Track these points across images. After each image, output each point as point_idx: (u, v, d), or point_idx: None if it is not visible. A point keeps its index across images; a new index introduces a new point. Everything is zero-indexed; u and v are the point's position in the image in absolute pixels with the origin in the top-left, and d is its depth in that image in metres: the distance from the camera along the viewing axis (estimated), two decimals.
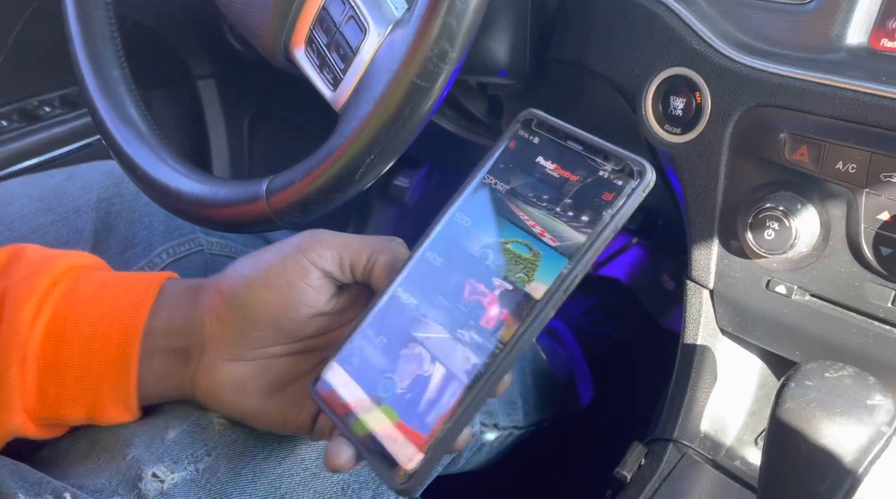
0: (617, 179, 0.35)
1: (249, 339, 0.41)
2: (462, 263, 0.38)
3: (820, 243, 0.50)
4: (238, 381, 0.42)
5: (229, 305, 0.41)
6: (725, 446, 0.61)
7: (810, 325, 0.52)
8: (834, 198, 0.49)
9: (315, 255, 0.41)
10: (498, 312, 0.35)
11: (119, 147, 0.58)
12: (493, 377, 0.35)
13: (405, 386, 0.37)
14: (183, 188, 0.54)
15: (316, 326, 0.42)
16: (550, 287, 0.35)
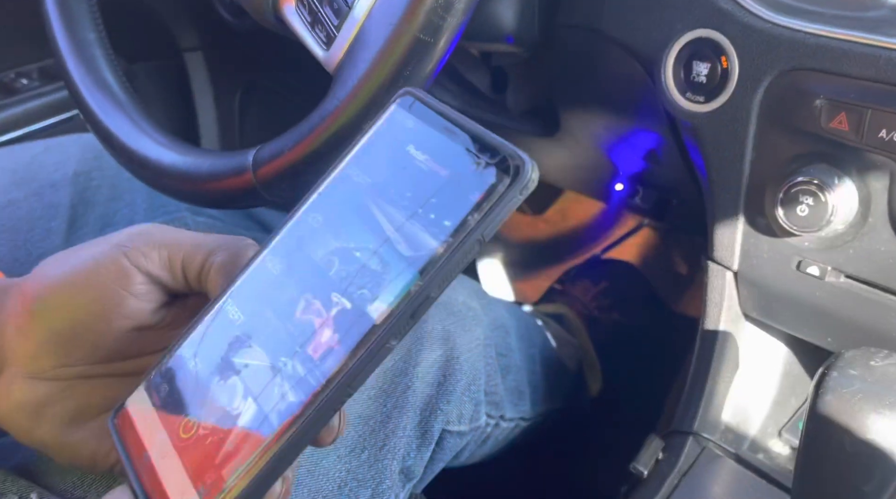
0: (490, 177, 0.28)
1: (52, 353, 0.34)
2: (302, 271, 0.31)
3: (858, 220, 0.46)
4: (35, 404, 0.34)
5: (30, 312, 0.34)
6: (748, 438, 0.57)
7: (845, 309, 0.48)
8: (875, 170, 0.45)
9: (139, 254, 0.34)
10: (329, 338, 0.29)
11: (94, 115, 0.54)
12: (308, 424, 0.28)
13: (209, 427, 0.30)
14: (164, 160, 0.50)
15: (138, 344, 0.35)
16: (394, 309, 0.28)
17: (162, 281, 0.34)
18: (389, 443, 0.47)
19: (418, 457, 0.49)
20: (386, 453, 0.47)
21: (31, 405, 0.34)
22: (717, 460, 0.53)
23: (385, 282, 0.28)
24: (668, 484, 0.51)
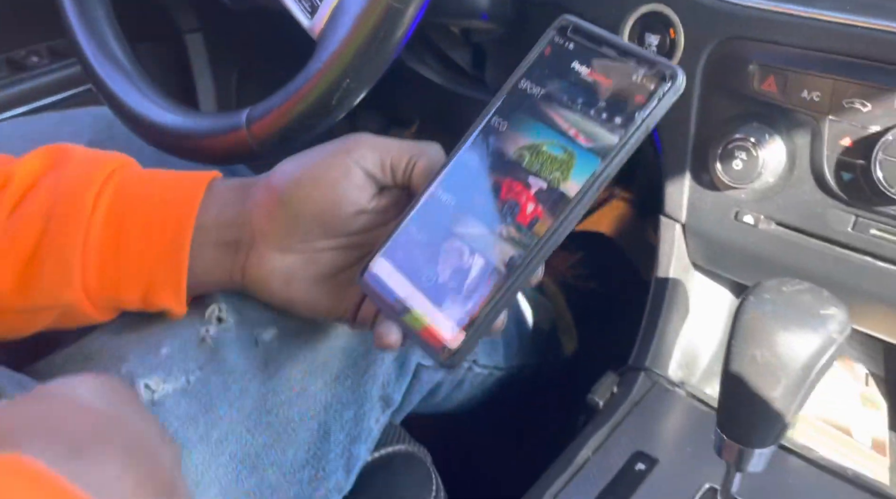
0: (649, 83, 0.37)
1: (297, 233, 0.44)
2: (498, 164, 0.40)
3: (786, 173, 0.52)
4: (286, 271, 0.45)
5: (278, 201, 0.43)
6: (696, 375, 0.63)
7: (776, 253, 0.54)
8: (799, 127, 0.50)
9: (359, 155, 0.43)
10: (533, 209, 0.38)
11: (103, 83, 0.59)
12: (529, 268, 0.38)
13: (447, 276, 0.39)
14: (166, 121, 0.55)
15: (359, 224, 0.44)
16: (584, 186, 0.37)
17: (375, 176, 0.44)
18: (370, 371, 0.53)
19: (397, 386, 0.55)
20: (367, 380, 0.53)
21: (282, 271, 0.45)
22: (667, 392, 0.58)
23: (573, 167, 0.38)
24: (620, 412, 0.56)
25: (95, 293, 0.45)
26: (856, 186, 0.48)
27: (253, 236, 0.45)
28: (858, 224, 0.50)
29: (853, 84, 0.47)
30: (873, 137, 0.46)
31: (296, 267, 0.45)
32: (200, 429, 0.44)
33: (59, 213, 0.44)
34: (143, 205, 0.45)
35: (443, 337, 0.38)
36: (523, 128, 0.40)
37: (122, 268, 0.44)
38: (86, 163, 0.46)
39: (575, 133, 0.38)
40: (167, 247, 0.44)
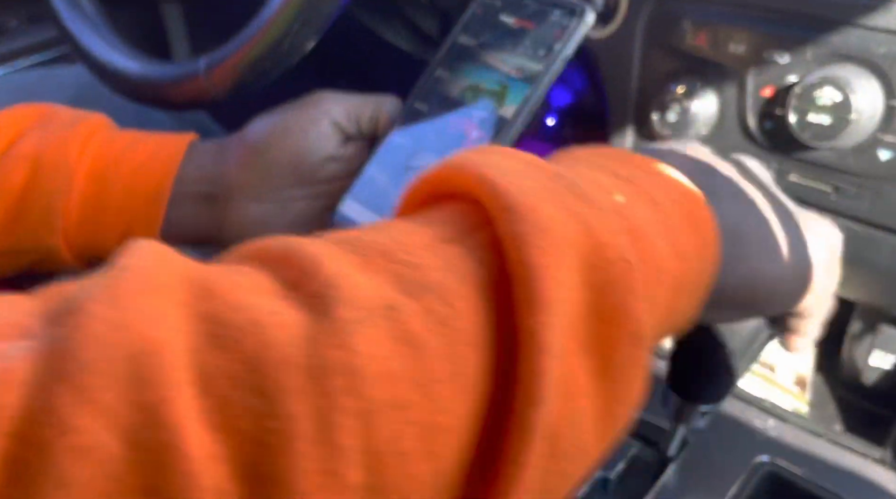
0: (564, 21, 0.45)
1: (271, 181, 0.47)
2: (445, 105, 0.47)
3: (717, 124, 0.55)
4: (262, 219, 0.48)
5: (252, 151, 0.47)
6: None
7: None
8: (728, 79, 0.53)
9: (325, 107, 0.48)
10: (477, 134, 0.45)
11: (71, 33, 0.62)
12: None
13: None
14: (130, 69, 0.58)
15: (328, 172, 0.48)
16: (518, 107, 0.44)
17: (341, 125, 0.48)
18: None
19: None
20: None
21: (257, 220, 0.48)
22: None
23: (507, 95, 0.45)
24: None
25: (74, 240, 0.48)
26: (776, 134, 0.51)
27: (230, 189, 0.48)
28: (780, 171, 0.53)
29: (773, 37, 0.50)
30: (790, 87, 0.49)
31: (270, 216, 0.48)
32: None
33: (46, 161, 0.47)
34: (127, 158, 0.48)
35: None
36: (464, 74, 0.47)
37: (101, 217, 0.48)
38: (71, 119, 0.49)
39: (507, 70, 0.45)
40: (147, 199, 0.47)
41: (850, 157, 0.49)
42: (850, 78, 0.45)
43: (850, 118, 0.45)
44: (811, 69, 0.48)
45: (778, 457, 0.50)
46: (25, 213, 0.47)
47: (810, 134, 0.47)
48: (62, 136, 0.48)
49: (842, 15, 0.47)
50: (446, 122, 0.46)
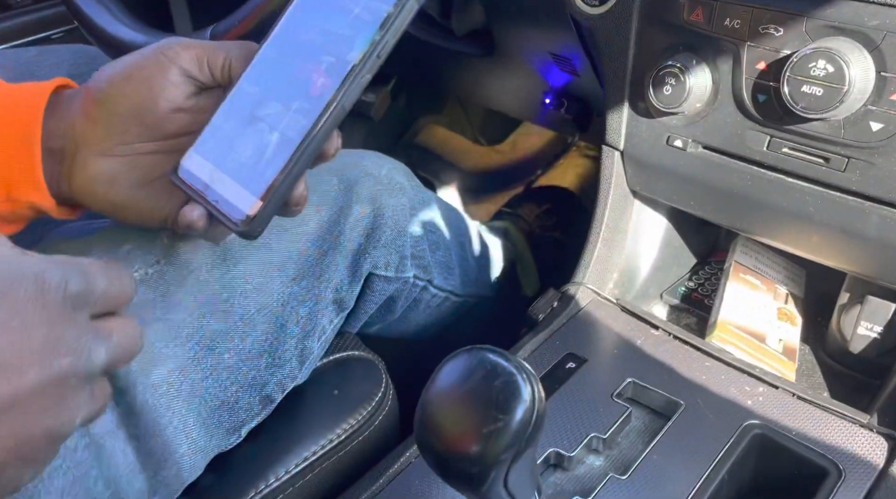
0: None
1: (115, 133, 0.44)
2: (295, 50, 0.44)
3: (711, 97, 0.56)
4: (108, 175, 0.45)
5: (95, 101, 0.44)
6: (632, 294, 0.68)
7: (701, 174, 0.58)
8: (723, 54, 0.55)
9: (173, 53, 0.44)
10: (323, 82, 0.42)
11: (79, 8, 0.63)
12: (320, 133, 0.41)
13: (248, 154, 0.43)
14: (137, 41, 0.59)
15: (178, 124, 0.45)
16: (366, 51, 0.41)
17: (192, 74, 0.45)
18: (325, 275, 0.57)
19: (350, 291, 0.59)
20: (322, 282, 0.57)
21: (104, 176, 0.45)
22: (603, 306, 0.63)
23: (356, 39, 0.41)
24: (556, 323, 0.61)
25: None
26: (769, 106, 0.53)
27: (76, 143, 0.45)
28: (772, 143, 0.54)
29: (768, 11, 0.51)
30: (783, 60, 0.50)
31: (117, 171, 0.45)
32: (157, 311, 0.48)
33: None
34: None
35: (242, 207, 0.42)
36: (315, 18, 0.44)
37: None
38: None
39: (358, 12, 0.42)
40: (17, 143, 0.45)
41: (842, 128, 0.50)
42: (842, 50, 0.47)
43: (842, 89, 0.47)
44: (805, 42, 0.49)
45: (767, 421, 0.51)
46: None
47: (804, 105, 0.48)
48: None
49: None
50: (293, 69, 0.43)
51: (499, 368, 0.34)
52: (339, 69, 0.41)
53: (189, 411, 0.48)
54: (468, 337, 0.87)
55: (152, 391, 0.46)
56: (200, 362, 0.49)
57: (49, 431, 0.29)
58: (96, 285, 0.32)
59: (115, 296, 0.33)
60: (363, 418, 0.56)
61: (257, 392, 0.53)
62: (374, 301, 0.63)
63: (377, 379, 0.60)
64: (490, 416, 0.33)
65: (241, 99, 0.44)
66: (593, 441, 0.50)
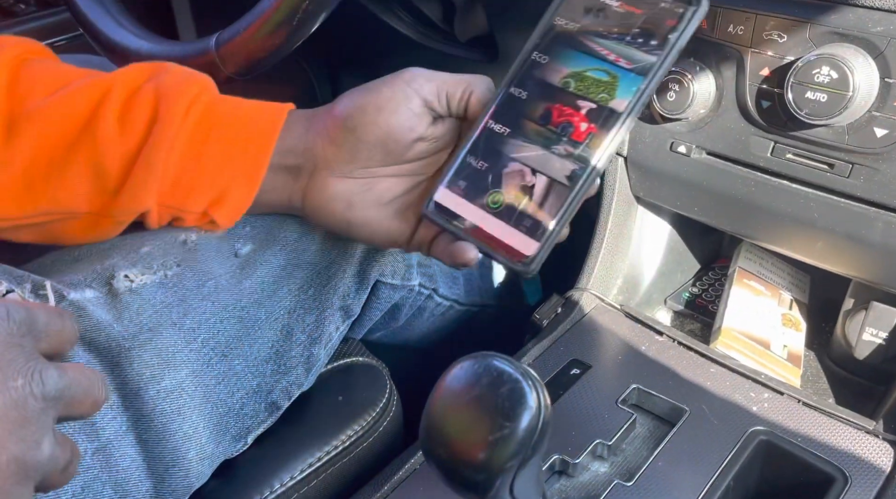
0: (677, 8, 0.42)
1: (359, 159, 0.47)
2: (546, 93, 0.44)
3: (715, 103, 0.56)
4: (347, 195, 0.48)
5: (343, 127, 0.47)
6: (636, 300, 0.68)
7: (705, 180, 0.59)
8: (726, 60, 0.55)
9: (417, 85, 0.46)
10: (587, 127, 0.42)
11: (84, 16, 0.63)
12: (590, 178, 0.42)
13: (513, 195, 0.44)
14: (141, 49, 0.59)
15: (416, 151, 0.48)
16: (631, 100, 0.42)
17: (432, 105, 0.47)
18: (331, 283, 0.57)
19: (356, 298, 0.59)
20: (328, 291, 0.57)
21: (343, 196, 0.48)
22: (607, 312, 0.63)
23: (618, 86, 0.42)
24: (561, 329, 0.61)
25: (165, 199, 0.48)
26: (773, 112, 0.53)
27: (315, 163, 0.48)
28: (776, 149, 0.54)
29: (771, 17, 0.51)
30: (787, 66, 0.50)
31: (355, 192, 0.48)
32: (174, 315, 0.48)
33: (158, 119, 0.47)
34: (229, 123, 0.48)
35: (519, 249, 0.43)
36: (564, 59, 0.44)
37: (198, 177, 0.48)
38: (180, 76, 0.49)
39: (615, 58, 0.42)
40: (246, 166, 0.47)
41: (846, 134, 0.50)
42: (846, 56, 0.47)
43: (847, 95, 0.47)
44: (809, 49, 0.50)
45: (772, 428, 0.51)
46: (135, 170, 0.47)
47: (808, 111, 0.48)
48: (171, 91, 0.47)
49: None
50: (549, 112, 0.44)
51: (504, 375, 0.34)
52: (604, 116, 0.42)
53: (199, 416, 0.48)
54: (471, 343, 0.87)
55: (164, 396, 0.46)
56: (213, 368, 0.49)
57: (15, 457, 0.29)
58: (38, 316, 0.32)
59: (58, 331, 0.33)
60: (367, 424, 0.56)
61: (263, 399, 0.53)
62: (380, 308, 0.63)
63: (381, 385, 0.60)
64: (496, 423, 0.33)
65: (491, 138, 0.45)
66: (598, 448, 0.50)
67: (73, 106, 0.47)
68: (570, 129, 0.43)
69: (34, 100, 0.47)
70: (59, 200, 0.47)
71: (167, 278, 0.49)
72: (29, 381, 0.30)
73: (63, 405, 0.31)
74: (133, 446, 0.46)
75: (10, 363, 0.30)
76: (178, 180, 0.47)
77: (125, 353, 0.45)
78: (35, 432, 0.30)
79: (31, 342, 0.31)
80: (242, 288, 0.52)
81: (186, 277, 0.49)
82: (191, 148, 0.47)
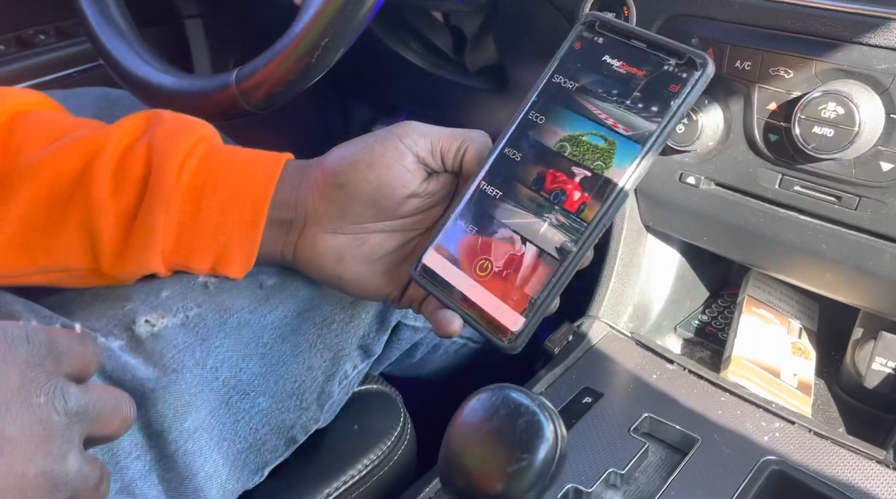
0: (681, 72, 0.39)
1: (350, 214, 0.46)
2: (540, 156, 0.42)
3: (723, 136, 0.57)
4: (337, 251, 0.47)
5: (334, 183, 0.45)
6: (646, 327, 0.69)
7: (714, 210, 0.59)
8: (734, 94, 0.56)
9: (411, 141, 0.45)
10: (580, 196, 0.40)
11: (106, 49, 0.65)
12: (582, 251, 0.39)
13: (501, 264, 0.41)
14: (163, 83, 0.61)
15: (409, 208, 0.46)
16: (628, 170, 0.39)
17: (426, 161, 0.46)
18: (354, 321, 0.57)
19: (377, 339, 0.59)
20: (350, 328, 0.57)
21: (333, 251, 0.47)
22: (618, 340, 0.64)
23: (615, 154, 0.39)
24: (572, 357, 0.62)
25: (169, 259, 0.47)
26: (781, 146, 0.54)
27: (306, 217, 0.46)
28: (784, 181, 0.55)
29: (778, 54, 0.52)
30: (794, 101, 0.51)
31: (346, 248, 0.47)
32: (196, 355, 0.49)
33: (151, 180, 0.46)
34: (224, 178, 0.46)
35: (504, 323, 0.40)
36: (561, 120, 0.42)
37: (197, 237, 0.47)
38: (174, 128, 0.48)
39: (613, 123, 0.40)
40: (244, 221, 0.46)
41: (852, 168, 0.51)
42: (852, 93, 0.48)
43: (853, 131, 0.48)
44: (815, 84, 0.51)
45: (784, 458, 0.51)
46: (133, 234, 0.46)
47: (815, 146, 0.50)
48: (164, 150, 0.46)
49: (844, 33, 0.49)
50: (542, 177, 0.41)
51: (522, 407, 0.35)
52: (599, 186, 0.39)
53: (219, 454, 0.49)
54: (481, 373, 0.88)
55: (187, 437, 0.47)
56: (232, 407, 0.50)
57: (42, 470, 0.30)
58: (59, 339, 0.33)
59: (80, 354, 0.34)
60: (383, 453, 0.57)
61: (284, 435, 0.53)
62: (399, 348, 0.64)
63: (395, 413, 0.61)
64: (514, 455, 0.34)
65: (483, 202, 0.43)
66: (611, 476, 0.50)
67: (66, 163, 0.46)
68: (562, 197, 0.40)
69: (27, 154, 0.47)
70: (57, 259, 0.47)
71: (188, 319, 0.49)
72: (51, 398, 0.31)
73: (89, 422, 0.32)
74: (156, 487, 0.46)
75: (31, 382, 0.31)
76: (178, 240, 0.47)
77: (149, 394, 0.46)
78: (60, 446, 0.31)
79: (53, 364, 0.32)
80: (266, 323, 0.52)
81: (208, 317, 0.50)
82: (187, 207, 0.46)
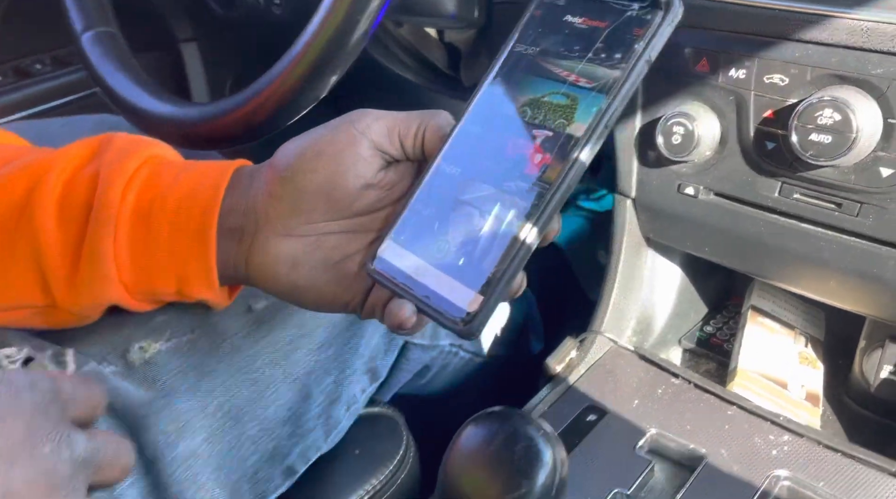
0: (646, 15, 0.36)
1: (300, 212, 0.41)
2: (502, 125, 0.39)
3: (720, 145, 0.57)
4: (291, 256, 0.42)
5: (281, 178, 0.41)
6: (650, 342, 0.68)
7: (714, 220, 0.59)
8: (730, 102, 0.55)
9: (364, 125, 0.41)
10: (541, 158, 0.36)
11: (101, 78, 0.65)
12: (543, 217, 0.36)
13: (458, 243, 0.38)
14: (161, 111, 0.61)
15: (366, 202, 0.41)
16: (590, 123, 0.35)
17: (383, 147, 0.41)
18: (352, 342, 0.56)
19: (384, 360, 0.58)
20: (349, 350, 0.56)
21: (287, 257, 0.42)
22: (621, 355, 0.63)
23: (578, 109, 0.36)
24: (576, 373, 0.61)
25: (133, 287, 0.44)
26: (778, 153, 0.53)
27: (257, 222, 0.42)
28: (783, 189, 0.54)
29: (772, 61, 0.52)
30: (790, 108, 0.51)
31: (301, 252, 0.42)
32: (190, 380, 0.48)
33: (95, 207, 0.43)
34: (172, 193, 0.43)
35: (459, 305, 0.36)
36: (521, 86, 0.39)
37: (153, 260, 0.43)
38: (122, 150, 0.45)
39: (575, 78, 0.37)
40: (195, 233, 0.42)
41: (851, 174, 0.50)
42: (848, 99, 0.47)
43: (850, 137, 0.47)
44: (810, 91, 0.50)
45: (794, 471, 0.50)
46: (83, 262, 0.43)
47: (812, 152, 0.49)
48: (108, 175, 0.43)
49: (838, 38, 0.49)
50: (503, 146, 0.38)
51: (520, 433, 0.34)
52: (560, 144, 0.36)
53: (215, 483, 0.48)
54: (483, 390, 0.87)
55: (179, 463, 0.46)
56: (226, 433, 0.49)
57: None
58: (63, 384, 0.32)
59: (85, 398, 0.33)
60: (385, 478, 0.56)
61: (279, 463, 0.52)
62: (410, 370, 0.63)
63: (398, 436, 0.60)
64: (513, 481, 0.33)
65: (442, 181, 0.39)
66: (617, 497, 0.49)
67: (8, 191, 0.44)
68: (522, 162, 0.37)
69: None
70: (12, 296, 0.44)
71: (182, 344, 0.49)
72: (57, 447, 0.30)
73: (93, 470, 0.31)
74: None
75: (36, 430, 0.30)
76: (135, 264, 0.43)
77: (142, 419, 0.45)
78: (66, 496, 0.30)
79: (58, 410, 0.31)
80: (259, 347, 0.52)
81: (201, 342, 0.50)
82: (137, 229, 0.43)
